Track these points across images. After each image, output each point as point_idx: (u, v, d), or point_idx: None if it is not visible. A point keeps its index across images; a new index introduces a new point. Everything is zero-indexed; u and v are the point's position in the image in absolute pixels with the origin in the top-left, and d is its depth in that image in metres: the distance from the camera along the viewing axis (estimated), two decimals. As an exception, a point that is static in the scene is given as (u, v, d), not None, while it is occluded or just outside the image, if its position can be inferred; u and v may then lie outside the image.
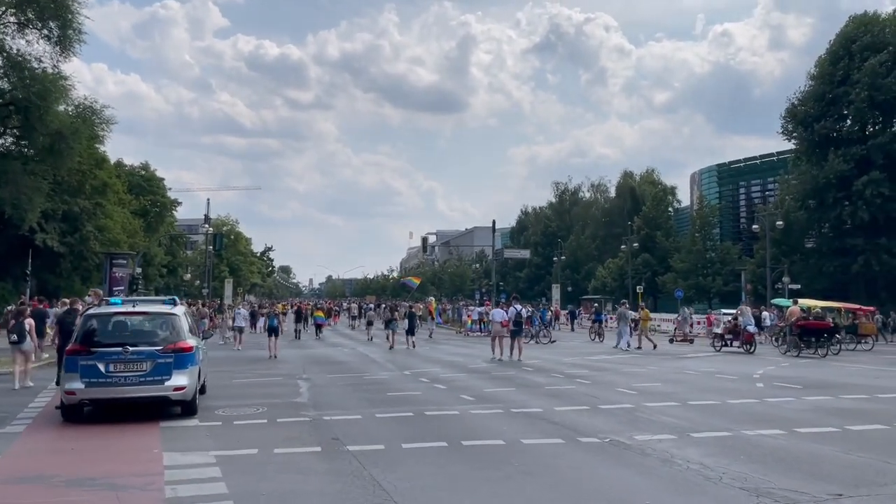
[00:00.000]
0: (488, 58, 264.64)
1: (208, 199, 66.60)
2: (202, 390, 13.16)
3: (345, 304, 74.34)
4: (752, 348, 24.59)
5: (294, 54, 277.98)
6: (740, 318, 25.73)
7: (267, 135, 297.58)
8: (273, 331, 23.70)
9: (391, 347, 26.59)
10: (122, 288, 35.17)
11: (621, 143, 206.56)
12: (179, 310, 11.49)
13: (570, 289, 78.18)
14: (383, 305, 38.51)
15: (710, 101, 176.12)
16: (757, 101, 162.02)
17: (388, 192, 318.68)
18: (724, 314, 32.00)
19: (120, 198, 56.71)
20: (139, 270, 40.57)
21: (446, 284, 69.77)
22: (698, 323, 38.15)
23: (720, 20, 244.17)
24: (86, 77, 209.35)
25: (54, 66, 39.94)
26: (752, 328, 25.34)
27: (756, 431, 9.50)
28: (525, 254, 52.77)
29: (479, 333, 36.51)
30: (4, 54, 38.51)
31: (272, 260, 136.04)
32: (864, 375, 17.41)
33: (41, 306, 26.07)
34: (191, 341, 11.09)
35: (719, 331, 27.36)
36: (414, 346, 26.90)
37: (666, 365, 19.95)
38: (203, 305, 35.62)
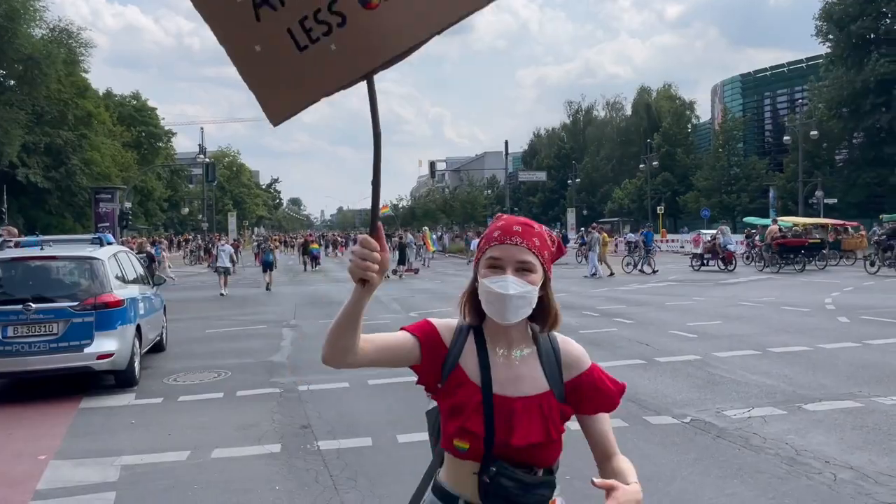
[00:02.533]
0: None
1: (202, 129, 63.03)
2: (158, 347, 10.64)
3: (353, 235, 71.81)
4: (733, 267, 24.94)
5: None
6: (720, 238, 25.95)
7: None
8: (268, 265, 23.94)
9: (387, 276, 25.06)
10: (106, 224, 32.64)
11: (632, 61, 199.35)
12: (104, 251, 8.77)
13: (585, 212, 75.08)
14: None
15: (724, 13, 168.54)
16: (772, 11, 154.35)
17: (395, 121, 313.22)
18: (703, 234, 32.11)
19: (109, 129, 53.71)
20: (129, 205, 37.91)
21: (457, 211, 66.76)
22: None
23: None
24: (83, 10, 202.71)
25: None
26: (731, 247, 25.74)
27: (893, 398, 6.82)
28: (541, 176, 49.74)
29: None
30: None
31: (279, 192, 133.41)
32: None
33: None
34: (121, 292, 8.43)
35: (699, 250, 27.63)
36: (401, 277, 27.39)
37: (714, 294, 17.24)
38: (150, 242, 32.64)
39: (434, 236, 46.43)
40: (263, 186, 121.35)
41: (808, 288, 18.22)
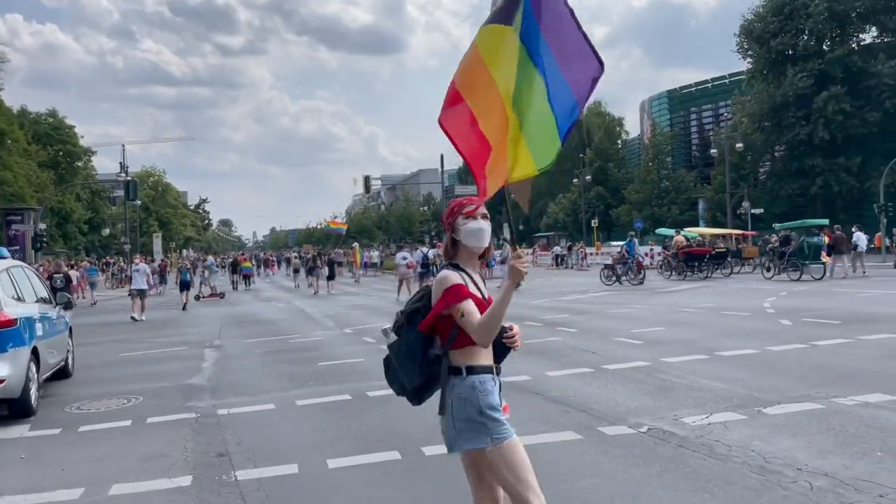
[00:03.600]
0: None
1: (123, 146, 60.64)
2: (63, 374, 9.61)
3: (289, 255, 70.21)
4: (642, 277, 25.36)
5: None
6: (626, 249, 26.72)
7: (198, 83, 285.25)
8: (185, 284, 24.11)
9: (315, 293, 27.58)
10: (16, 248, 30.59)
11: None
12: (-7, 266, 7.78)
13: (521, 227, 75.55)
14: (310, 255, 36.34)
15: (648, 35, 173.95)
16: (693, 33, 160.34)
17: (328, 139, 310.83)
18: (612, 245, 33.72)
19: (24, 148, 50.92)
20: (43, 227, 35.81)
21: (393, 228, 66.13)
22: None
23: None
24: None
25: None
26: (640, 258, 26.69)
27: (852, 398, 6.49)
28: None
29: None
30: None
31: (208, 213, 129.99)
32: (875, 301, 14.79)
33: None
34: (13, 311, 7.46)
35: (609, 262, 28.10)
36: (329, 291, 27.74)
37: (653, 302, 17.08)
38: (72, 264, 30.86)
39: (365, 253, 45.74)
40: (192, 207, 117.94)
41: (746, 294, 18.27)
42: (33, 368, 7.72)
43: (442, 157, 46.68)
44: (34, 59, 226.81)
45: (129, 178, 45.83)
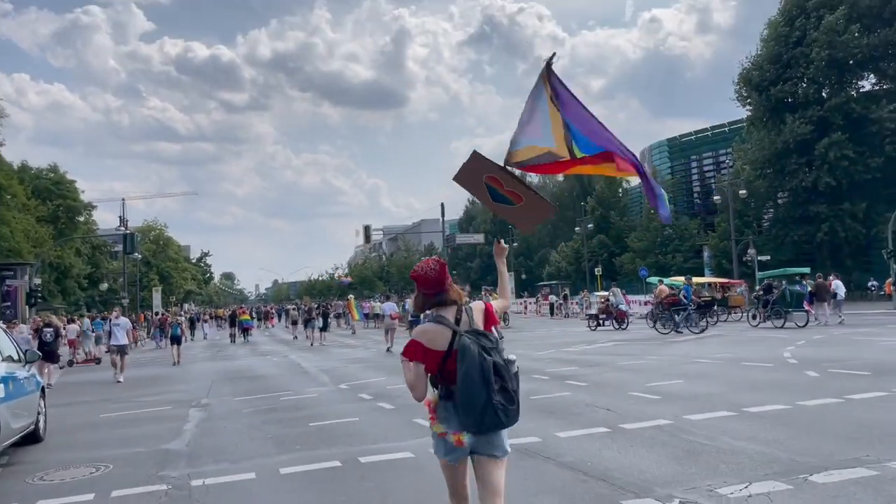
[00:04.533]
0: (424, 51, 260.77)
1: (123, 200, 60.47)
2: (32, 438, 8.83)
3: (285, 306, 69.54)
4: (625, 325, 26.29)
5: (225, 55, 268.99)
6: (612, 299, 27.60)
7: (202, 139, 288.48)
8: (176, 339, 23.73)
9: (311, 344, 27.96)
10: (8, 304, 29.88)
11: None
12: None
13: (524, 276, 75.01)
14: (304, 307, 36.68)
15: (644, 87, 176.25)
16: (689, 84, 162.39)
17: (331, 192, 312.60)
18: (597, 295, 33.52)
19: (23, 203, 50.72)
20: (38, 282, 35.22)
21: (395, 278, 65.48)
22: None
23: (649, 6, 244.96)
24: (6, 88, 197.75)
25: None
26: (623, 307, 27.32)
27: (908, 462, 5.71)
28: (479, 238, 49.04)
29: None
30: None
31: (209, 266, 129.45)
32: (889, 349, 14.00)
33: None
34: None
35: (593, 311, 29.05)
36: (321, 342, 28.07)
37: (664, 352, 16.26)
38: (72, 318, 30.23)
39: (367, 303, 45.07)
40: (194, 261, 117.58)
41: (762, 343, 17.47)
42: (-11, 435, 6.95)
43: (442, 206, 46.39)
44: (41, 117, 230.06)
45: (127, 232, 45.36)
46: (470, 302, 3.79)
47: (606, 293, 31.06)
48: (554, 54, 4.52)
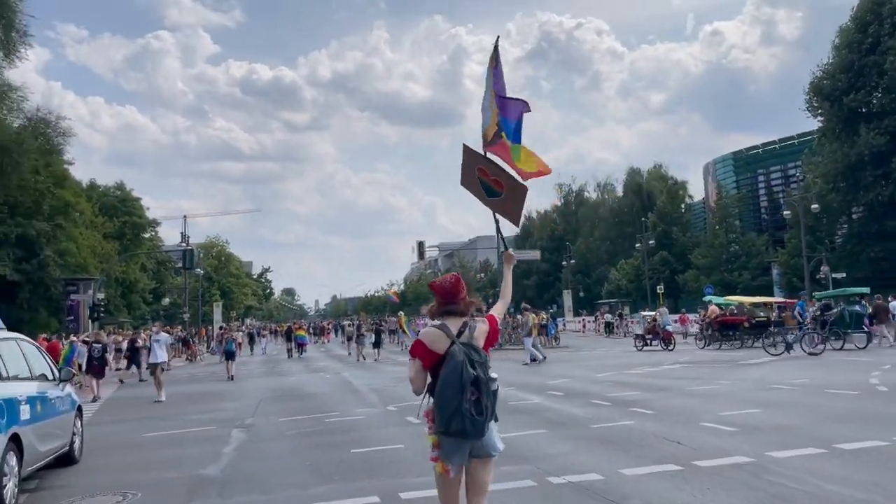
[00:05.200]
0: (481, 69, 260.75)
1: (185, 217, 61.68)
2: (67, 460, 8.50)
3: (341, 322, 69.79)
4: (672, 346, 26.08)
5: (287, 76, 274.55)
6: (659, 319, 27.68)
7: (265, 158, 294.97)
8: (230, 355, 23.59)
9: (358, 360, 28.77)
10: (71, 318, 30.50)
11: (619, 146, 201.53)
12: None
13: (581, 294, 73.41)
14: (356, 322, 37.26)
15: (706, 101, 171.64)
16: (753, 98, 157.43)
17: (388, 210, 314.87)
18: (645, 315, 33.50)
19: (90, 220, 52.21)
20: (101, 296, 35.93)
21: (450, 296, 64.93)
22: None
23: (710, 19, 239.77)
24: (82, 111, 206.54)
25: (-3, 73, 35.89)
26: (669, 327, 27.34)
27: None
28: (535, 255, 47.84)
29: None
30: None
31: (270, 282, 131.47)
32: None
33: None
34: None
35: (640, 331, 29.24)
36: (375, 360, 28.72)
37: (736, 377, 15.14)
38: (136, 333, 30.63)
39: (421, 320, 44.64)
40: (255, 276, 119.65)
41: (843, 367, 16.15)
42: (12, 460, 6.58)
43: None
44: (114, 138, 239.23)
45: (187, 248, 46.10)
46: (476, 319, 4.08)
47: (653, 313, 31.41)
48: (498, 37, 5.16)
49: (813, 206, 43.38)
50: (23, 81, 39.55)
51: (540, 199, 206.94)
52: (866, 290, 28.34)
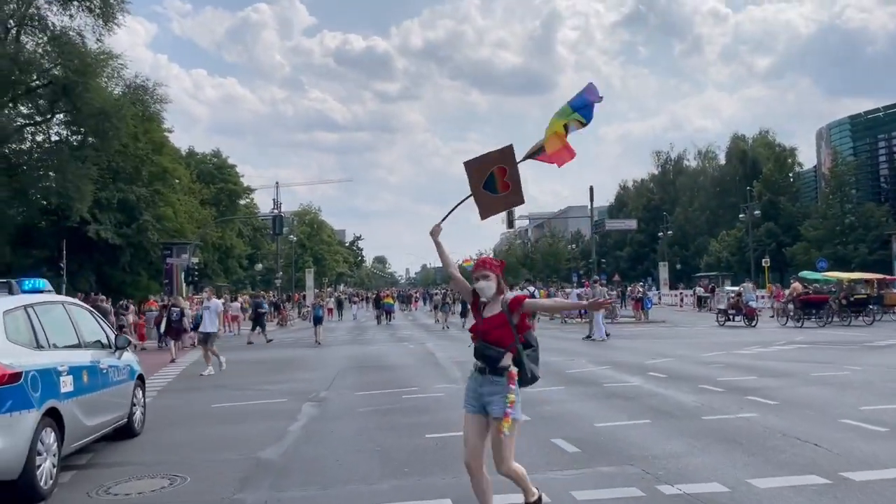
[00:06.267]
0: (574, 34, 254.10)
1: (277, 184, 62.40)
2: (126, 432, 7.95)
3: (428, 291, 69.71)
4: (755, 322, 25.50)
5: (379, 46, 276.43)
6: (743, 295, 27.16)
7: (358, 128, 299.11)
8: (318, 320, 24.40)
9: (444, 328, 29.42)
10: (167, 281, 31.13)
11: (720, 114, 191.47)
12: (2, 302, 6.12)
13: (678, 266, 70.20)
14: (443, 291, 38.35)
15: (817, 64, 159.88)
16: (870, 60, 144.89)
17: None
18: (728, 290, 32.83)
19: (188, 186, 53.57)
20: (196, 260, 36.63)
21: (539, 265, 63.45)
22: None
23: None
24: (186, 83, 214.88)
25: (98, 39, 36.82)
26: (753, 303, 26.57)
27: None
28: (631, 224, 45.99)
29: (578, 319, 30.31)
30: (48, 32, 35.30)
31: (361, 250, 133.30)
32: None
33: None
34: (21, 361, 5.74)
35: (723, 306, 28.88)
36: (463, 327, 27.56)
37: (867, 361, 13.28)
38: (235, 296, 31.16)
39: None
40: (347, 244, 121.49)
41: None
42: (49, 437, 5.94)
43: (591, 189, 43.55)
44: (215, 109, 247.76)
45: (277, 213, 46.54)
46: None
47: (738, 288, 31.18)
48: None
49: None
50: (123, 50, 40.45)
51: (634, 167, 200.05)
52: None
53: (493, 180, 5.21)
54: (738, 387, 10.39)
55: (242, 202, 72.44)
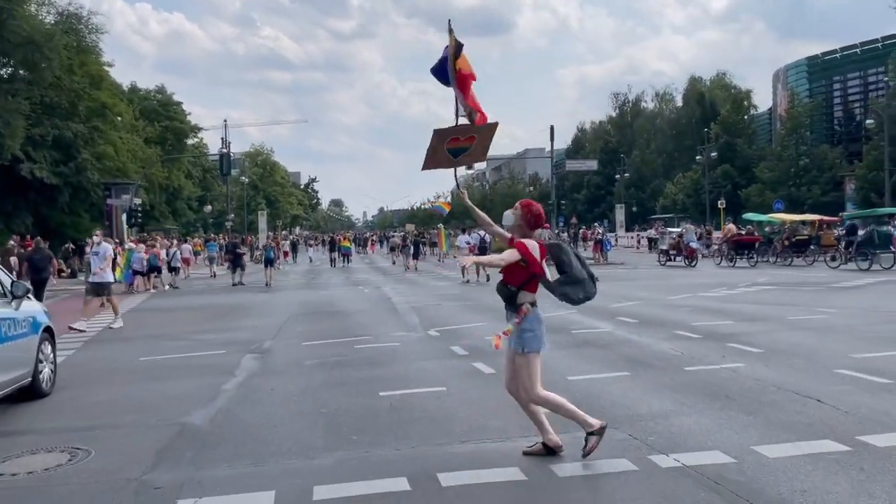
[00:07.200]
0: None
1: (225, 121, 59.75)
2: (33, 392, 6.87)
3: (386, 234, 68.64)
4: (694, 262, 26.41)
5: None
6: (684, 236, 27.97)
7: (312, 68, 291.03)
8: (269, 262, 24.38)
9: (406, 269, 30.10)
10: (107, 223, 29.40)
11: (677, 57, 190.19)
12: None
13: (634, 209, 70.23)
14: (402, 234, 38.32)
15: (772, 6, 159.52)
16: (824, 3, 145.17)
17: (436, 122, 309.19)
18: (670, 231, 33.72)
19: (131, 124, 50.82)
20: (138, 201, 34.74)
21: (498, 208, 62.77)
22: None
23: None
24: (130, 18, 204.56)
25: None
26: (694, 244, 27.24)
27: None
28: (591, 164, 45.22)
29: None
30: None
31: (317, 192, 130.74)
32: None
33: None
34: None
35: (665, 247, 29.62)
36: (416, 270, 29.56)
37: (840, 304, 12.77)
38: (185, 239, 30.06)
39: (448, 233, 43.23)
40: (301, 186, 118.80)
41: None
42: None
43: (552, 129, 42.62)
44: (162, 46, 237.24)
45: (225, 152, 44.47)
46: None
47: (679, 229, 32.47)
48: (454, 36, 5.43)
49: (903, 114, 39.28)
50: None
51: (593, 110, 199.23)
52: (895, 210, 28.76)
53: (457, 150, 5.44)
54: (714, 332, 9.70)
55: (190, 142, 69.62)
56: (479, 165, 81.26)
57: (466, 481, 4.33)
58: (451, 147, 5.38)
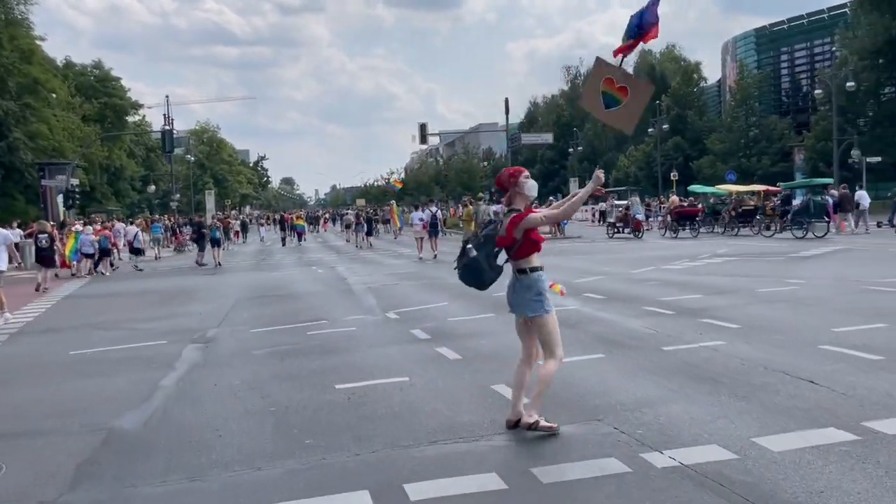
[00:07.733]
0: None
1: (167, 97, 57.63)
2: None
3: (341, 211, 67.49)
4: (641, 234, 27.10)
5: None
6: (631, 208, 28.45)
7: (259, 42, 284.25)
8: (215, 242, 23.49)
9: (358, 247, 29.98)
10: (42, 206, 27.79)
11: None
12: None
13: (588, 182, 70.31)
14: (355, 211, 37.89)
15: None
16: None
17: (386, 97, 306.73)
18: (616, 204, 34.75)
19: (66, 101, 48.47)
20: (75, 182, 33.03)
21: (452, 182, 62.09)
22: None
23: None
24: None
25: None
26: (640, 216, 28.02)
27: None
28: (547, 138, 44.97)
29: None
30: None
31: (267, 170, 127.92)
32: None
33: None
34: None
35: (612, 220, 30.28)
36: (371, 246, 30.02)
37: (806, 274, 12.54)
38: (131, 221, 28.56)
39: (401, 210, 42.76)
40: (250, 164, 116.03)
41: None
42: None
43: (507, 101, 41.95)
44: (100, 20, 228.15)
45: (168, 129, 42.69)
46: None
47: (626, 202, 32.74)
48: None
49: (848, 84, 39.71)
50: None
51: (542, 86, 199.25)
52: (830, 180, 29.66)
53: (612, 96, 5.22)
54: (686, 307, 9.31)
55: (132, 119, 67.02)
56: (433, 139, 79.92)
57: (438, 493, 3.75)
58: (606, 89, 5.22)
